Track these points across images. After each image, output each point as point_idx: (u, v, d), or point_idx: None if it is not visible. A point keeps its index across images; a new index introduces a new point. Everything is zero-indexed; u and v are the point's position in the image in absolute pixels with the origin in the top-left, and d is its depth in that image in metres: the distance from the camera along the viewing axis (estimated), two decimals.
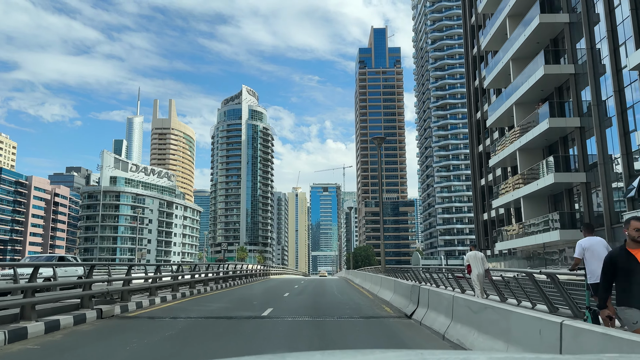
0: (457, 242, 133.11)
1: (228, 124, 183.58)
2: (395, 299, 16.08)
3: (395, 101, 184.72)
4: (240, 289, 27.19)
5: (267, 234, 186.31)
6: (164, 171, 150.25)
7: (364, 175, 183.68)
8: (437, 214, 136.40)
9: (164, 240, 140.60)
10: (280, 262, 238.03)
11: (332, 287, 31.31)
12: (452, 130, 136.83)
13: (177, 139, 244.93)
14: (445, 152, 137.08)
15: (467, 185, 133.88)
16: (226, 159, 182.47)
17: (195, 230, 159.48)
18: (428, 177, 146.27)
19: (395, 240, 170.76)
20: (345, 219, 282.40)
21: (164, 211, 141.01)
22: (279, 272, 71.18)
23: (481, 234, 49.34)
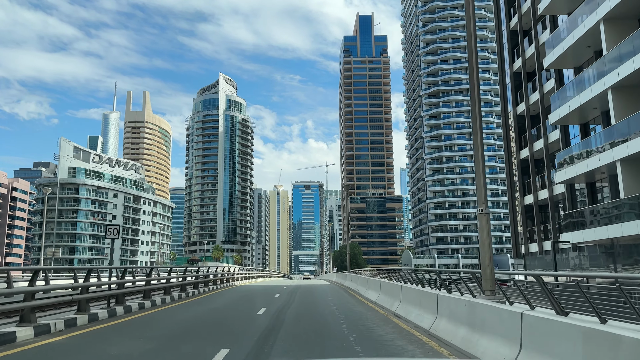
0: (450, 240, 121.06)
1: (204, 114, 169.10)
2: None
3: (382, 92, 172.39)
4: (191, 306, 17.19)
5: (246, 232, 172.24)
6: (132, 163, 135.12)
7: (349, 169, 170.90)
8: (428, 209, 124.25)
9: (129, 239, 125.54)
10: (260, 262, 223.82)
11: (332, 306, 18.12)
12: (445, 119, 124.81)
13: (152, 132, 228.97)
14: (437, 142, 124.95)
15: (461, 178, 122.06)
16: (202, 152, 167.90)
17: (166, 228, 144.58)
18: (418, 170, 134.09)
19: (382, 238, 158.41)
20: (328, 218, 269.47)
21: (130, 206, 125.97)
22: (256, 275, 57.90)
23: (523, 223, 36.51)
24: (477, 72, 9.19)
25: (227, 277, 37.10)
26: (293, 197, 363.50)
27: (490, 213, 9.45)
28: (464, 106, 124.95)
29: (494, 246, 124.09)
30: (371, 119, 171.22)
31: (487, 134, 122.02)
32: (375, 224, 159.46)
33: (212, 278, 31.69)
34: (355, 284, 29.46)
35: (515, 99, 36.39)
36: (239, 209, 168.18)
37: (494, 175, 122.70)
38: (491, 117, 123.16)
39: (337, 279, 42.43)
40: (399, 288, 15.61)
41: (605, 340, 4.61)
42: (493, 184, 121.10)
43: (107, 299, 13.67)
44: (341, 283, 35.36)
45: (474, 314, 8.13)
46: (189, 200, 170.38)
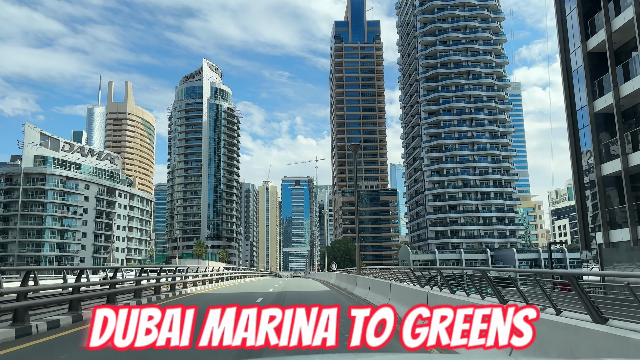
0: (450, 234, 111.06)
1: (187, 103, 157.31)
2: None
3: (375, 80, 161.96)
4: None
5: (233, 227, 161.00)
6: (106, 152, 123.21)
7: (340, 161, 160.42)
8: (426, 201, 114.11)
9: (103, 234, 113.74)
10: (248, 258, 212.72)
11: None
12: (445, 104, 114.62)
13: (135, 124, 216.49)
14: (436, 129, 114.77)
15: (462, 168, 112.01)
16: (185, 142, 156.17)
17: (145, 223, 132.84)
18: (415, 160, 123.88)
19: (375, 233, 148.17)
20: (318, 213, 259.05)
21: (104, 199, 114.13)
22: (239, 275, 47.36)
23: (601, 202, 25.81)
24: None
25: (192, 281, 26.51)
26: (282, 192, 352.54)
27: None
28: (465, 90, 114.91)
29: (497, 240, 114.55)
30: (364, 109, 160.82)
31: (487, 96, 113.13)
32: (368, 218, 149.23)
33: (159, 283, 21.13)
34: (366, 289, 18.73)
35: (586, 34, 25.68)
36: (224, 203, 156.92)
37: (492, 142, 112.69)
38: (492, 79, 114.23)
39: (340, 283, 31.62)
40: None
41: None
42: (488, 164, 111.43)
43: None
44: (350, 291, 24.50)
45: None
46: (171, 194, 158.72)
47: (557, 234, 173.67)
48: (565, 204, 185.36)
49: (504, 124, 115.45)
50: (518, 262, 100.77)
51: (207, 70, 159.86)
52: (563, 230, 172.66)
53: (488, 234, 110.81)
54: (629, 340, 4.35)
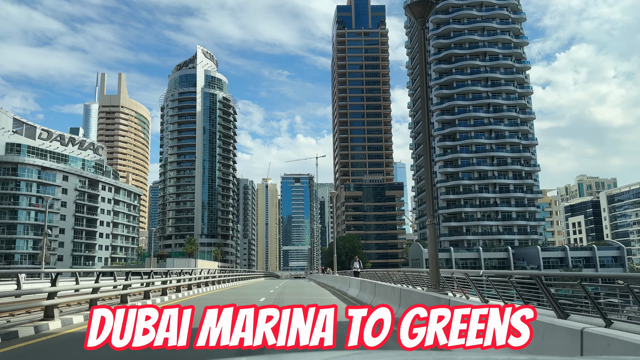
0: (465, 230, 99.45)
1: (180, 92, 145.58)
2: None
3: (380, 67, 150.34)
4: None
5: (229, 224, 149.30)
6: (89, 141, 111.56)
7: (343, 154, 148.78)
8: (438, 195, 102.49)
9: (84, 230, 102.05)
10: (246, 257, 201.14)
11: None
12: (459, 89, 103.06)
13: (128, 118, 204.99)
14: (449, 116, 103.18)
15: (478, 158, 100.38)
16: (177, 134, 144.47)
17: (133, 219, 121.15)
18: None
19: (380, 230, 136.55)
20: (319, 211, 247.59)
21: (85, 192, 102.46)
22: (228, 278, 36.37)
23: None
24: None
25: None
26: (282, 190, 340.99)
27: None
28: (481, 72, 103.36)
29: (517, 237, 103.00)
30: (368, 98, 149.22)
31: (506, 80, 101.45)
32: (372, 214, 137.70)
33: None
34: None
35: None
36: (220, 198, 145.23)
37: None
38: (510, 60, 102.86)
39: (365, 293, 19.83)
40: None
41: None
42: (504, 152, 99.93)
43: None
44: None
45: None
46: (163, 188, 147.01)
47: (572, 231, 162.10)
48: (579, 199, 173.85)
49: (524, 110, 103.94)
50: (543, 262, 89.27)
51: (201, 57, 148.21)
52: (578, 227, 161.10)
53: (507, 230, 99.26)
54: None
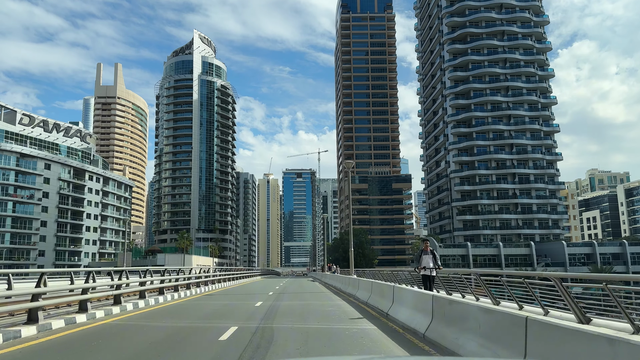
0: (481, 224, 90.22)
1: (176, 79, 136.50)
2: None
3: (386, 54, 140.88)
4: None
5: (227, 218, 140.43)
6: (76, 128, 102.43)
7: (347, 145, 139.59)
8: (451, 186, 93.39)
9: (68, 223, 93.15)
10: (247, 253, 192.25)
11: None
12: (475, 70, 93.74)
13: (125, 109, 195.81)
14: (465, 100, 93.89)
15: (496, 146, 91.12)
16: (173, 123, 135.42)
17: (124, 212, 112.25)
18: (437, 139, 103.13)
19: (387, 225, 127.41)
20: (321, 205, 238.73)
21: (70, 182, 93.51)
22: (219, 278, 27.81)
23: None
24: None
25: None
26: (284, 185, 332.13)
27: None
28: (499, 53, 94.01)
29: (537, 232, 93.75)
30: (373, 86, 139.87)
31: (525, 61, 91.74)
32: (378, 208, 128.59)
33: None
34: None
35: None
36: (218, 191, 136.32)
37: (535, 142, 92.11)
38: (530, 40, 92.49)
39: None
40: None
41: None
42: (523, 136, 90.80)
43: None
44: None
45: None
46: (158, 181, 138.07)
47: (586, 226, 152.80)
48: (593, 194, 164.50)
49: (545, 94, 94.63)
50: (568, 258, 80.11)
51: (198, 42, 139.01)
52: (593, 222, 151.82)
53: (527, 224, 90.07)
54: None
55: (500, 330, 6.01)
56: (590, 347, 4.44)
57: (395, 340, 8.43)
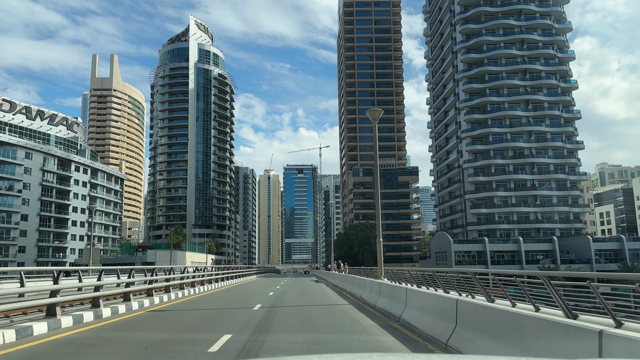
0: (497, 218, 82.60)
1: (171, 67, 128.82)
2: None
3: (392, 41, 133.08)
4: None
5: (226, 214, 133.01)
6: (62, 116, 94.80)
7: (350, 136, 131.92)
8: (464, 177, 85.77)
9: (52, 217, 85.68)
10: (246, 250, 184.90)
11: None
12: (491, 52, 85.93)
13: (121, 102, 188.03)
14: (479, 84, 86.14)
15: (513, 133, 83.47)
16: (168, 114, 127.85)
17: (115, 206, 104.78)
18: (447, 127, 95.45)
19: (392, 220, 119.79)
20: (323, 200, 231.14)
21: (54, 173, 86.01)
22: (206, 278, 20.98)
23: None
24: None
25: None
26: (285, 181, 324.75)
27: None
28: (516, 34, 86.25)
29: (558, 226, 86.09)
30: (378, 75, 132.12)
31: (544, 42, 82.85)
32: (383, 202, 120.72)
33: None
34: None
35: None
36: (215, 184, 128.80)
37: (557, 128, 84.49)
38: (549, 20, 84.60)
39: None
40: None
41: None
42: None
43: None
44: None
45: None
46: (153, 174, 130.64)
47: (599, 221, 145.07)
48: (607, 187, 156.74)
49: (565, 78, 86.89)
50: (594, 254, 72.50)
51: (194, 29, 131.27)
52: (607, 217, 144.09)
53: (547, 218, 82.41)
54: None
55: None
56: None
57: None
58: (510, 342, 6.15)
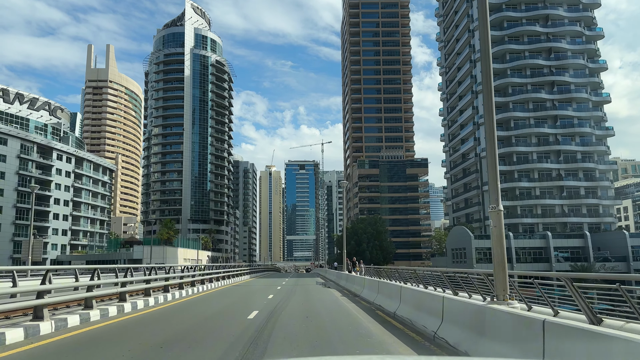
0: (520, 211, 74.05)
1: (165, 53, 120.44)
2: None
3: (399, 26, 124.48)
4: None
5: (224, 208, 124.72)
6: (44, 100, 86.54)
7: (355, 127, 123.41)
8: (482, 167, 77.30)
9: (31, 209, 77.31)
10: (246, 247, 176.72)
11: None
12: (512, 29, 77.35)
13: (117, 94, 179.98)
14: (499, 64, 77.39)
15: (537, 118, 74.92)
16: (162, 102, 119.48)
17: (102, 198, 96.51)
18: (462, 112, 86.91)
19: (399, 214, 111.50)
20: (326, 197, 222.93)
21: (34, 161, 77.72)
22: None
23: None
24: None
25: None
26: (286, 178, 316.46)
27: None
28: (539, 9, 77.68)
29: (586, 220, 77.45)
30: (384, 61, 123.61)
31: (570, 19, 74.77)
32: (389, 195, 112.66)
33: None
34: None
35: None
36: (212, 177, 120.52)
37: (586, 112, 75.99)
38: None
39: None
40: None
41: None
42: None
43: None
44: None
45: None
46: (147, 166, 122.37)
47: (616, 217, 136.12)
48: (624, 182, 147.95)
49: (593, 58, 78.27)
50: (632, 251, 63.99)
51: (190, 13, 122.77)
52: (624, 213, 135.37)
53: (574, 212, 73.85)
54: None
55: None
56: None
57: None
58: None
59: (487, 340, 6.41)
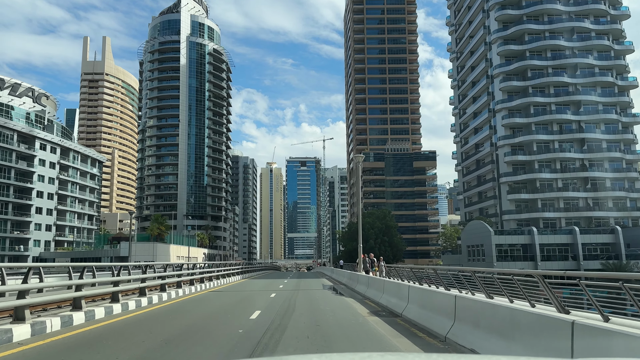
0: (541, 204, 67.57)
1: (160, 41, 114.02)
2: None
3: (405, 12, 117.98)
4: None
5: (222, 204, 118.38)
6: (28, 86, 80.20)
7: (359, 118, 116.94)
8: (498, 158, 70.85)
9: (10, 203, 71.06)
10: (246, 244, 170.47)
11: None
12: (531, 8, 70.79)
13: (114, 87, 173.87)
14: (517, 45, 70.73)
15: (558, 104, 68.37)
16: (157, 92, 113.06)
17: (92, 192, 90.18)
18: (475, 100, 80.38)
19: (406, 210, 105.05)
20: (328, 193, 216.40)
21: (13, 151, 71.41)
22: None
23: None
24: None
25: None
26: (287, 175, 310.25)
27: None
28: None
29: (613, 214, 70.46)
30: (390, 50, 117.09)
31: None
32: (394, 190, 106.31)
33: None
34: None
35: None
36: (210, 171, 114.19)
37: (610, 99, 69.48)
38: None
39: None
40: None
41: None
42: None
43: None
44: None
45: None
46: (141, 159, 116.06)
47: None
48: None
49: (618, 40, 71.76)
50: None
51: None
52: None
53: (599, 205, 67.39)
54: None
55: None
56: None
57: None
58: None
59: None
